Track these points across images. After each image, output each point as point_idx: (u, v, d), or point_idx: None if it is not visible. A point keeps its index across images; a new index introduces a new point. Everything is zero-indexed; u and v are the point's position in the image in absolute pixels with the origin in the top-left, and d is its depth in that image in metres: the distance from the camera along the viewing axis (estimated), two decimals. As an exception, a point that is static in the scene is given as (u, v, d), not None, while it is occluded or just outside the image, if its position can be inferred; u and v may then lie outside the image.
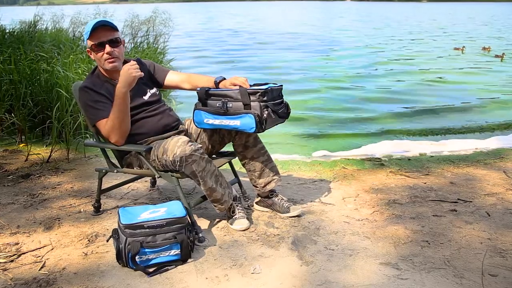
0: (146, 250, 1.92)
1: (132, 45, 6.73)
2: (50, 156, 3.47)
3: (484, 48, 11.84)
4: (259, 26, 22.56)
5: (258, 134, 2.32)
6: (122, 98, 2.13)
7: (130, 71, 2.11)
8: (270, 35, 17.28)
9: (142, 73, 2.21)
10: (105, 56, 2.22)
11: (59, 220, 2.43)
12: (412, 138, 4.39)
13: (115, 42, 2.24)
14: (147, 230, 1.92)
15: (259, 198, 2.53)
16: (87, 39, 2.24)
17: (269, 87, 2.22)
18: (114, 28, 2.25)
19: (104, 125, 2.20)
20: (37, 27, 7.10)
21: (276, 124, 2.28)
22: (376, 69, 8.82)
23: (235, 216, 2.32)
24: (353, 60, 10.23)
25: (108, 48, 2.21)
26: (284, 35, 17.20)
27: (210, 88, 2.31)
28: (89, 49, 2.28)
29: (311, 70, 8.88)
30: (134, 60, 2.32)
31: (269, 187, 2.45)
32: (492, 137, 4.32)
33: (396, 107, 5.72)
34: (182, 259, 1.98)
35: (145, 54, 6.23)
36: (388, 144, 4.08)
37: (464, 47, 11.92)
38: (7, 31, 6.43)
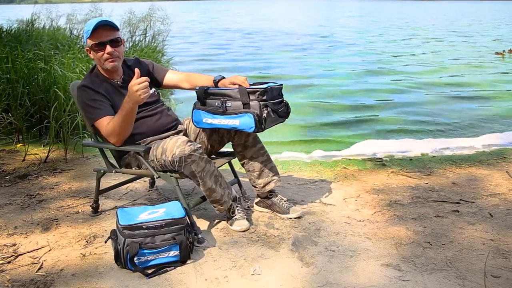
0: (145, 251, 1.90)
1: (130, 44, 6.69)
2: (47, 156, 3.45)
3: (510, 51, 11.30)
4: (269, 26, 21.44)
5: (258, 133, 2.30)
6: (128, 111, 2.08)
7: (138, 92, 1.99)
8: (278, 35, 16.70)
9: (151, 92, 2.14)
10: (106, 56, 2.20)
11: (56, 221, 2.41)
12: (413, 138, 4.36)
13: (116, 42, 2.22)
14: (146, 231, 1.91)
15: (259, 198, 2.51)
16: (88, 38, 2.21)
17: (269, 86, 2.20)
18: (115, 28, 2.23)
19: (104, 124, 2.17)
20: (34, 26, 7.05)
21: (276, 124, 2.26)
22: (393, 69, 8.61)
23: (235, 217, 2.30)
24: (360, 60, 10.05)
25: (108, 48, 2.19)
26: (290, 35, 16.73)
27: (209, 87, 2.29)
28: (88, 48, 2.25)
29: (316, 69, 8.76)
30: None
31: (268, 188, 2.43)
32: (495, 137, 4.29)
33: (398, 107, 5.69)
34: (181, 260, 1.97)
35: (144, 53, 6.21)
36: (390, 144, 4.06)
37: (504, 51, 10.99)
38: (4, 29, 6.39)
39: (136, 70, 2.02)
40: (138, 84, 1.98)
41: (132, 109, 2.07)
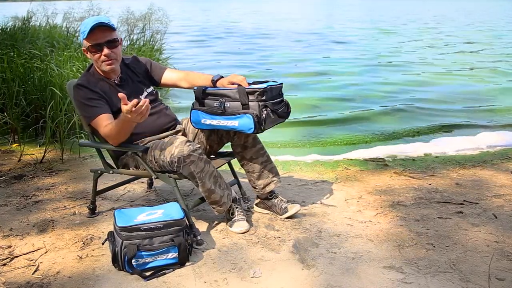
0: (143, 253, 1.88)
1: (128, 43, 6.66)
2: (43, 156, 3.42)
3: None
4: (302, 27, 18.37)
5: (258, 134, 2.27)
6: (126, 123, 2.01)
7: (135, 120, 1.91)
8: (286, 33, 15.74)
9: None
10: (103, 58, 2.17)
11: (53, 223, 2.38)
12: (416, 138, 4.34)
13: (113, 43, 2.18)
14: (144, 232, 1.89)
15: (259, 199, 2.48)
16: (84, 38, 2.17)
17: (268, 85, 2.17)
18: (112, 28, 2.19)
19: (103, 124, 2.13)
20: (30, 24, 7.00)
21: (276, 124, 2.23)
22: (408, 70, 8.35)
23: (235, 218, 2.27)
24: (361, 57, 9.82)
25: (106, 50, 2.15)
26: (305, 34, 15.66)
27: (207, 87, 2.26)
28: (85, 49, 2.21)
29: (327, 69, 8.56)
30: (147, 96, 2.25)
31: (268, 189, 2.40)
32: (499, 137, 4.26)
33: (400, 107, 5.65)
34: (180, 263, 1.94)
35: (142, 51, 6.18)
36: (392, 144, 4.04)
37: None
38: (-1, 27, 6.35)
39: (121, 95, 1.89)
40: (132, 111, 1.87)
41: (130, 124, 2.02)
